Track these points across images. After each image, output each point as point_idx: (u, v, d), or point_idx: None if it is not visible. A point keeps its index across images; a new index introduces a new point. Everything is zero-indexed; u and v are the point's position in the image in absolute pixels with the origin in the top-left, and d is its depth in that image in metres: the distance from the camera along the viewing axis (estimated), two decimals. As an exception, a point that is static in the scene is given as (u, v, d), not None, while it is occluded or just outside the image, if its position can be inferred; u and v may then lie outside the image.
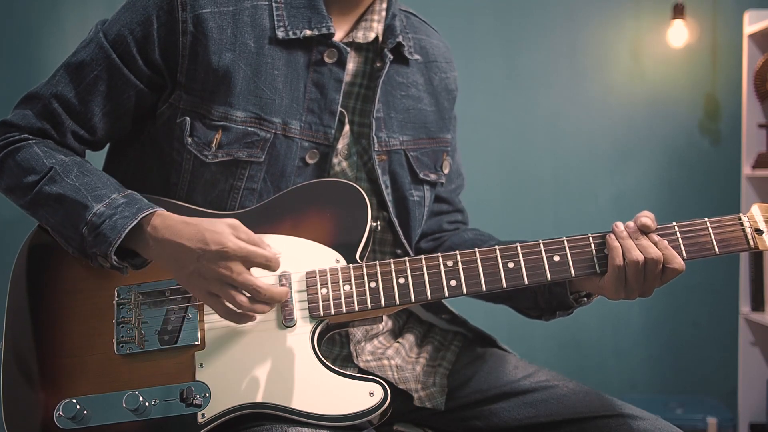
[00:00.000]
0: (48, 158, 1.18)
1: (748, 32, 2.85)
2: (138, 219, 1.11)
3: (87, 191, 1.14)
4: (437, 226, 1.48)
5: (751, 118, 2.88)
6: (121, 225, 1.11)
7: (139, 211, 1.12)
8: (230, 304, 1.09)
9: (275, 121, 1.23)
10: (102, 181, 1.17)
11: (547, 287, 1.28)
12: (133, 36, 1.21)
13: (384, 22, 1.32)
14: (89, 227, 1.12)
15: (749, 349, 2.90)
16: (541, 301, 1.31)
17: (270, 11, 1.24)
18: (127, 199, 1.14)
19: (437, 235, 1.49)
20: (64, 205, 1.14)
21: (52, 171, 1.17)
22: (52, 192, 1.15)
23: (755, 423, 2.91)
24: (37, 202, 1.17)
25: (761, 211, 1.20)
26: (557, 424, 1.29)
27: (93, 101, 1.23)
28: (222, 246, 1.07)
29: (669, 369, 3.25)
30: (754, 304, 2.88)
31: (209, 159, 1.22)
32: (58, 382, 1.16)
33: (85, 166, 1.19)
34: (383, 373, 1.32)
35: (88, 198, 1.13)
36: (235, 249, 1.07)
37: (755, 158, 2.86)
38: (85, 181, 1.16)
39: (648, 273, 1.15)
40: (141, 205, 1.13)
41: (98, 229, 1.11)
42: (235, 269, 1.07)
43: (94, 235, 1.12)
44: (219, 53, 1.20)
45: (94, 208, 1.12)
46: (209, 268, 1.07)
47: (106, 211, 1.12)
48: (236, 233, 1.09)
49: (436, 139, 1.41)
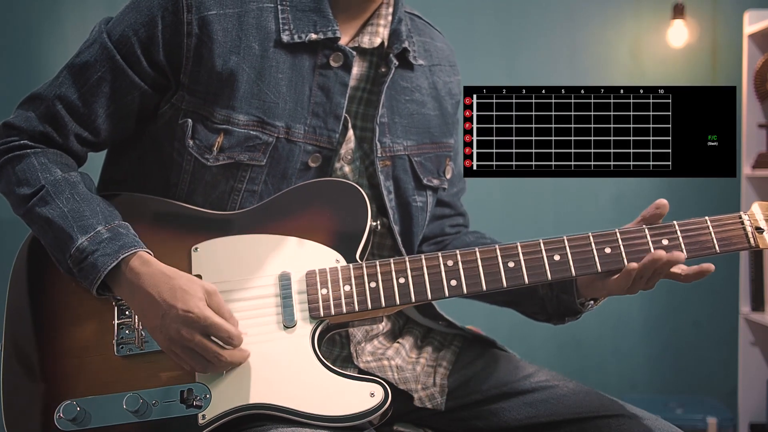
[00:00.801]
0: (43, 173, 1.18)
1: (748, 32, 2.85)
2: (118, 259, 1.12)
3: (73, 220, 1.14)
4: (439, 230, 1.48)
5: (751, 118, 2.88)
6: (101, 264, 1.11)
7: (120, 249, 1.12)
8: (192, 363, 1.11)
9: (278, 125, 1.23)
10: (91, 207, 1.17)
11: (555, 295, 1.29)
12: (137, 37, 1.20)
13: (390, 26, 1.31)
14: (73, 260, 1.13)
15: (749, 349, 2.90)
16: (549, 307, 1.32)
17: (275, 14, 1.23)
18: (111, 233, 1.14)
19: (439, 238, 1.48)
20: (52, 229, 1.15)
21: (44, 191, 1.17)
22: (42, 214, 1.16)
23: (755, 423, 2.91)
24: (30, 218, 1.19)
25: (761, 209, 1.20)
26: (557, 424, 1.29)
27: (97, 103, 1.22)
28: (187, 310, 1.07)
29: (669, 369, 3.25)
30: (754, 304, 2.88)
31: (210, 162, 1.22)
32: (58, 384, 1.16)
33: (77, 188, 1.18)
34: (383, 373, 1.32)
35: (74, 228, 1.14)
36: (198, 317, 1.07)
37: (755, 158, 2.86)
38: (73, 207, 1.16)
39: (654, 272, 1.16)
40: (124, 242, 1.13)
41: (81, 264, 1.13)
42: (195, 336, 1.08)
43: (78, 269, 1.13)
44: (223, 56, 1.19)
45: (78, 241, 1.13)
46: (171, 327, 1.08)
47: (88, 246, 1.12)
48: (209, 300, 1.10)
49: (440, 144, 1.40)
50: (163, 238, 1.21)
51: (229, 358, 1.10)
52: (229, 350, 1.10)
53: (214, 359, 1.09)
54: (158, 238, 1.20)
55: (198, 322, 1.07)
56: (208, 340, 1.08)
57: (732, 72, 3.08)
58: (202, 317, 1.07)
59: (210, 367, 1.11)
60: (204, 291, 1.10)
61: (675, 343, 3.24)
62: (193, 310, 1.07)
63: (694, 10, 3.11)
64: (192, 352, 1.10)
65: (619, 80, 3.16)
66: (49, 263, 1.20)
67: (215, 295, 1.11)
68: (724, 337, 3.13)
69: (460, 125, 1.50)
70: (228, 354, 1.10)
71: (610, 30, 3.15)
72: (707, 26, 3.14)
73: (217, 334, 1.09)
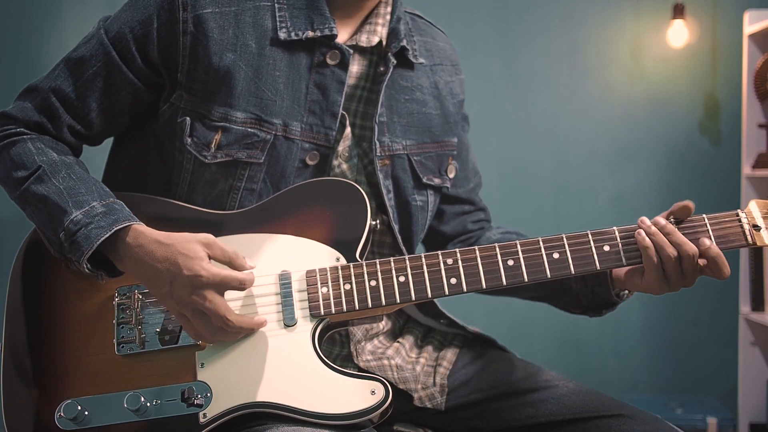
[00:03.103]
0: (39, 155, 1.18)
1: (748, 32, 2.85)
2: (112, 231, 1.11)
3: (69, 196, 1.14)
4: (461, 228, 1.48)
5: (751, 118, 2.88)
6: (94, 236, 1.10)
7: (115, 222, 1.12)
8: (200, 328, 1.10)
9: (275, 122, 1.23)
10: (87, 185, 1.16)
11: (590, 289, 1.29)
12: (133, 34, 1.21)
13: (388, 25, 1.32)
14: (66, 233, 1.12)
15: (749, 349, 2.90)
16: (583, 301, 1.32)
17: (272, 12, 1.23)
18: (106, 208, 1.14)
19: (463, 237, 1.48)
20: (47, 206, 1.14)
21: (40, 170, 1.17)
22: (38, 192, 1.15)
23: (755, 423, 2.91)
24: (24, 199, 1.18)
25: (759, 207, 1.20)
26: (557, 424, 1.29)
27: (90, 97, 1.23)
28: (194, 273, 1.07)
29: (669, 369, 3.25)
30: (754, 304, 2.88)
31: (208, 159, 1.22)
32: (58, 383, 1.16)
33: (73, 168, 1.19)
34: (383, 373, 1.32)
35: (69, 203, 1.13)
36: (207, 277, 1.07)
37: (755, 158, 2.86)
38: (69, 185, 1.16)
39: (686, 267, 1.15)
40: (118, 216, 1.13)
41: (73, 237, 1.11)
42: (207, 297, 1.07)
43: (69, 242, 1.12)
44: (220, 54, 1.20)
45: (72, 214, 1.12)
46: (181, 293, 1.08)
47: (83, 219, 1.12)
48: (211, 252, 1.09)
49: (441, 143, 1.40)
50: (163, 237, 1.21)
51: (236, 322, 1.09)
52: (235, 315, 1.09)
53: (223, 324, 1.09)
54: (158, 238, 1.20)
55: (209, 282, 1.07)
56: (220, 303, 1.08)
57: (732, 72, 3.08)
58: (210, 276, 1.07)
59: (218, 333, 1.10)
60: (203, 247, 1.09)
61: (675, 343, 3.24)
62: (200, 272, 1.07)
63: (694, 10, 3.11)
64: (202, 317, 1.09)
65: (619, 80, 3.16)
66: (49, 263, 1.20)
67: (214, 243, 1.10)
68: (724, 336, 3.13)
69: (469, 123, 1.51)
70: (234, 318, 1.09)
71: (610, 30, 3.15)
72: (707, 26, 3.14)
73: (230, 285, 1.08)
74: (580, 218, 3.13)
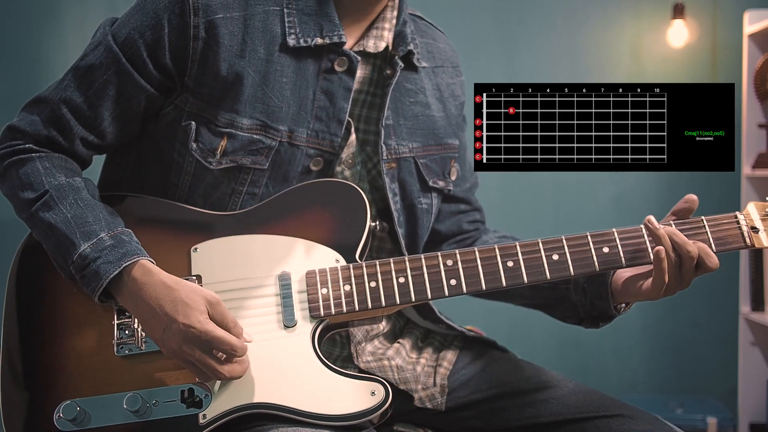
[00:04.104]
0: (47, 177, 1.18)
1: (748, 32, 2.85)
2: (121, 268, 1.11)
3: (76, 225, 1.14)
4: (457, 227, 1.48)
5: (751, 118, 2.87)
6: (104, 271, 1.11)
7: (123, 257, 1.12)
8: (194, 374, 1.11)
9: (281, 129, 1.22)
10: (94, 213, 1.16)
11: (589, 301, 1.29)
12: (143, 40, 1.19)
13: (394, 29, 1.31)
14: (75, 267, 1.13)
15: (749, 349, 2.90)
16: (581, 312, 1.32)
17: (281, 17, 1.22)
18: (114, 240, 1.13)
19: (458, 237, 1.48)
20: (55, 235, 1.14)
21: (47, 196, 1.16)
22: (45, 219, 1.15)
23: (755, 423, 2.91)
24: (32, 223, 1.18)
25: (757, 209, 1.20)
26: (557, 424, 1.29)
27: (102, 106, 1.21)
28: (189, 323, 1.07)
29: (669, 369, 3.25)
30: (754, 304, 2.88)
31: (213, 166, 1.21)
32: (57, 384, 1.16)
33: (80, 194, 1.18)
34: (383, 373, 1.32)
35: (77, 234, 1.13)
36: (200, 332, 1.07)
37: (755, 158, 2.86)
38: (77, 213, 1.15)
39: (684, 270, 1.16)
40: (126, 250, 1.13)
41: (83, 272, 1.12)
42: (196, 351, 1.08)
43: (80, 275, 1.13)
44: (229, 60, 1.19)
45: (81, 247, 1.12)
46: (172, 341, 1.08)
47: (91, 253, 1.12)
48: (212, 311, 1.09)
49: (444, 145, 1.40)
50: (162, 238, 1.21)
51: (228, 374, 1.10)
52: (227, 366, 1.09)
53: (213, 375, 1.10)
54: (158, 239, 1.20)
55: (199, 337, 1.07)
56: (208, 356, 1.08)
57: (732, 72, 3.08)
58: (203, 332, 1.07)
59: (211, 380, 1.12)
60: (206, 302, 1.09)
61: (675, 343, 3.24)
62: (195, 325, 1.07)
63: (694, 10, 3.11)
64: (193, 365, 1.10)
65: (619, 80, 3.16)
66: (48, 263, 1.19)
67: (218, 305, 1.10)
68: (724, 337, 3.13)
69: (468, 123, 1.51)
70: (227, 370, 1.09)
71: (610, 30, 3.15)
72: (707, 26, 3.14)
73: (220, 348, 1.08)
74: (580, 219, 3.13)
